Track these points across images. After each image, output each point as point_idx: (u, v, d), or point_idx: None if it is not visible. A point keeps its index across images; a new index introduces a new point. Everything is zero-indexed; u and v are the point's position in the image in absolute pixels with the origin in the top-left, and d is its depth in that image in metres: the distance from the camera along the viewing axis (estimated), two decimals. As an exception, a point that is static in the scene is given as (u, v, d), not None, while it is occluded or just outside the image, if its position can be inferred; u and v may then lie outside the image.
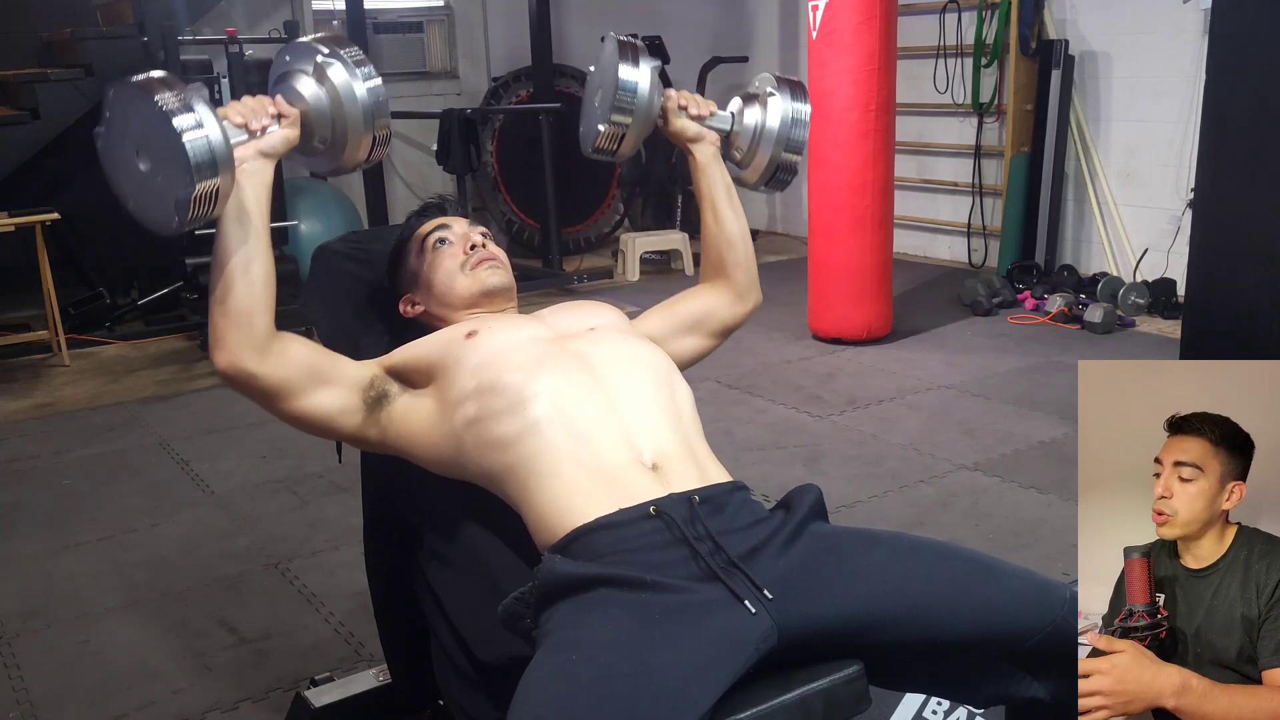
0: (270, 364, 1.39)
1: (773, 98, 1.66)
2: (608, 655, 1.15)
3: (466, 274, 1.61)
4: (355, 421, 1.47)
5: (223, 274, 1.36)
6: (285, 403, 1.42)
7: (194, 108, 1.22)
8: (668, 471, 1.35)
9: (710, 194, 1.68)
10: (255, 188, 1.38)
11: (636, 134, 1.61)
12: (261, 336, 1.38)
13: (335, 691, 1.91)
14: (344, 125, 1.37)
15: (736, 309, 1.73)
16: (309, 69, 1.36)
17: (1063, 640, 1.26)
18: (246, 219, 1.36)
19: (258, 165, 1.37)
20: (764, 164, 1.68)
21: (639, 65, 1.57)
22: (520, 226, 6.76)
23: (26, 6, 5.46)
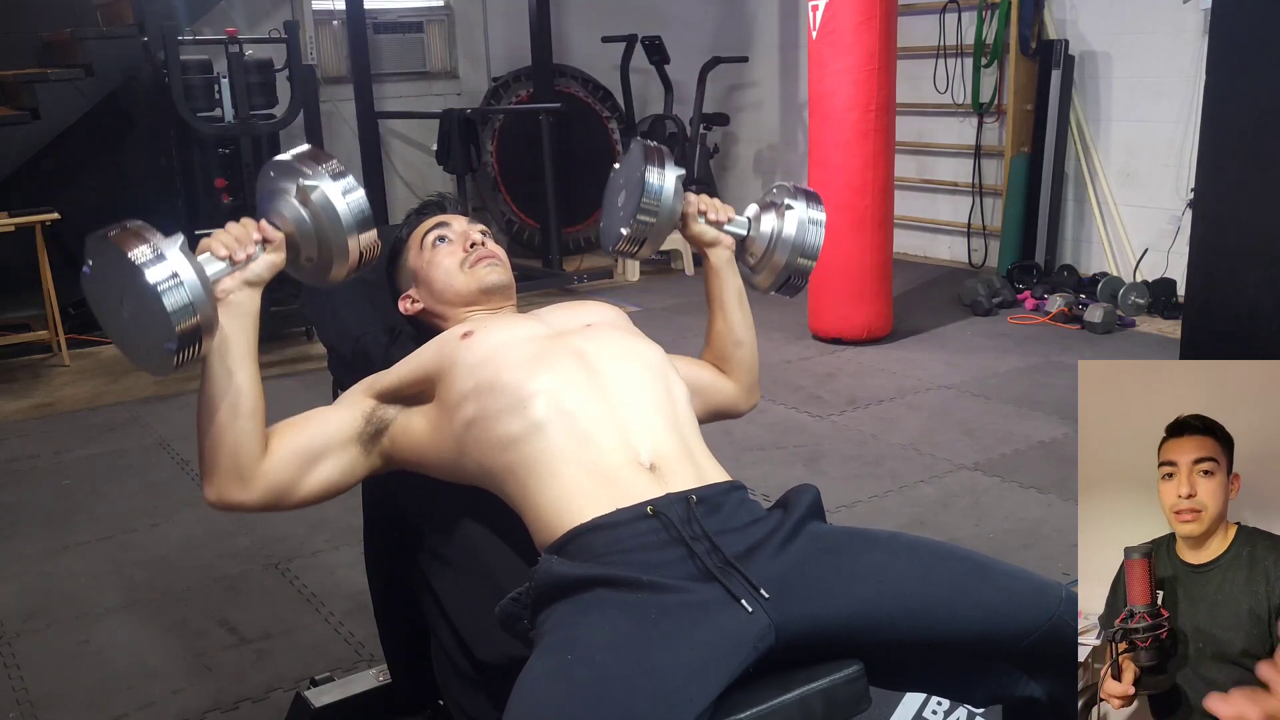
0: (258, 486, 1.36)
1: (790, 210, 1.72)
2: (604, 655, 1.15)
3: (465, 271, 1.61)
4: (359, 467, 1.46)
5: (209, 411, 1.33)
6: (284, 503, 1.40)
7: (168, 259, 1.21)
8: (665, 472, 1.35)
9: (721, 297, 1.72)
10: (242, 318, 1.34)
11: (657, 237, 1.65)
12: (248, 468, 1.35)
13: (335, 691, 1.91)
14: (329, 244, 1.36)
15: (735, 402, 1.76)
16: (291, 189, 1.35)
17: (1059, 639, 1.26)
18: (233, 353, 1.33)
19: (244, 295, 1.34)
20: (778, 269, 1.73)
21: (664, 171, 1.63)
22: (520, 226, 6.76)
23: (26, 6, 5.46)
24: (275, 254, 1.37)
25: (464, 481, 1.45)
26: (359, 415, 1.46)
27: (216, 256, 1.32)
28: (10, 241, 4.60)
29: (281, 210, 1.36)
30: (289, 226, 1.36)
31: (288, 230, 1.37)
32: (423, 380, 1.47)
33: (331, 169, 1.36)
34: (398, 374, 1.49)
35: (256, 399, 1.35)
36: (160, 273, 1.20)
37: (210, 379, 1.32)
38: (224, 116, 4.96)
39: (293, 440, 1.40)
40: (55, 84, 4.85)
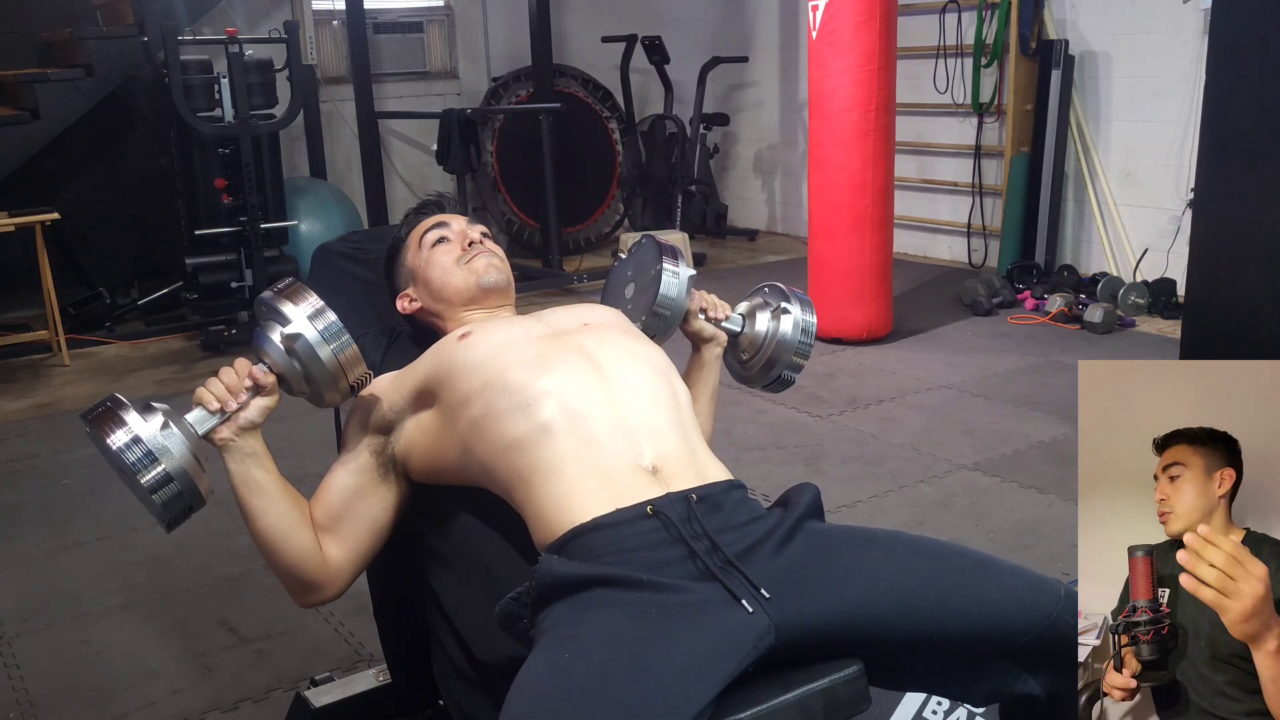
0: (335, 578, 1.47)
1: (787, 315, 1.74)
2: (603, 654, 1.15)
3: (463, 269, 1.61)
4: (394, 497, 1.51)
5: (260, 544, 1.43)
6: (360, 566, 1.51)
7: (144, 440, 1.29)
8: (667, 473, 1.35)
9: (698, 392, 1.72)
10: (247, 459, 1.40)
11: (667, 332, 1.70)
12: (316, 574, 1.46)
13: (335, 691, 1.91)
14: (318, 383, 1.39)
15: None
16: (276, 335, 1.38)
17: (1059, 637, 1.26)
18: (255, 490, 1.41)
19: (242, 440, 1.40)
20: (771, 369, 1.76)
21: (679, 269, 1.68)
22: (520, 226, 6.76)
23: (26, 6, 5.47)
24: (268, 398, 1.41)
25: (467, 482, 1.45)
26: (367, 456, 1.50)
27: (208, 409, 1.37)
28: (10, 241, 4.60)
29: (270, 352, 1.40)
30: (279, 368, 1.40)
31: (279, 372, 1.40)
32: (421, 392, 1.48)
33: (310, 309, 1.38)
34: (389, 400, 1.50)
35: (295, 518, 1.43)
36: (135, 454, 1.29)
37: (250, 517, 1.42)
38: (224, 116, 4.96)
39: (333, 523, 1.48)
40: (55, 84, 4.85)
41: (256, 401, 1.39)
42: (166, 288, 5.48)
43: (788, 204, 7.36)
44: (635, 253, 1.79)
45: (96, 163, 5.46)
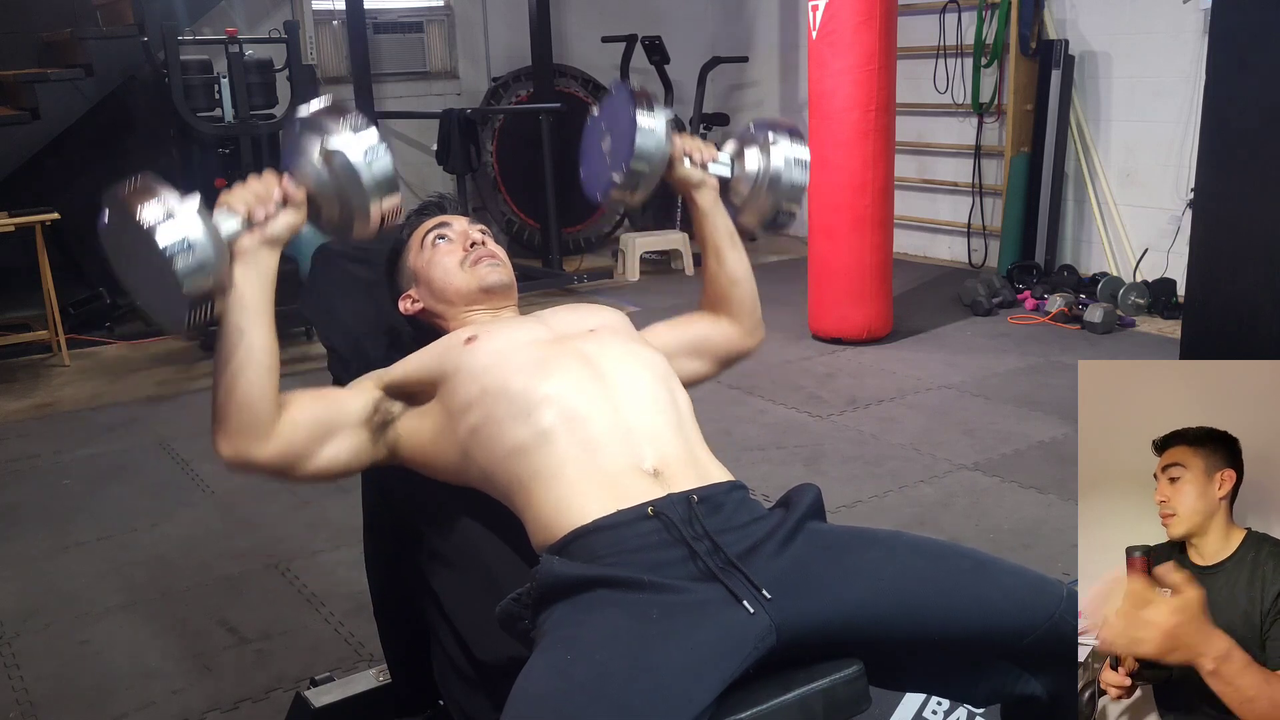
0: (274, 445, 1.37)
1: (775, 146, 1.67)
2: (604, 654, 1.15)
3: (465, 270, 1.61)
4: (366, 453, 1.47)
5: (226, 367, 1.34)
6: (295, 471, 1.41)
7: (180, 220, 1.21)
8: (668, 475, 1.35)
9: (713, 238, 1.69)
10: (260, 276, 1.35)
11: (650, 184, 1.61)
12: (264, 424, 1.36)
13: (335, 691, 1.91)
14: (350, 205, 1.35)
15: (743, 343, 1.74)
16: (314, 148, 1.34)
17: (1060, 637, 1.26)
18: (249, 310, 1.34)
19: (262, 254, 1.34)
20: (764, 208, 1.69)
21: (654, 116, 1.58)
22: (520, 226, 6.76)
23: (26, 6, 5.46)
24: (295, 214, 1.36)
25: (467, 484, 1.45)
26: (369, 402, 1.47)
27: (236, 214, 1.32)
28: (10, 241, 4.60)
29: (304, 168, 1.35)
30: (310, 186, 1.35)
31: (309, 189, 1.35)
32: (424, 382, 1.48)
33: (354, 127, 1.34)
34: (402, 370, 1.50)
35: (272, 356, 1.36)
36: (172, 235, 1.19)
37: (227, 335, 1.34)
38: (224, 116, 4.96)
39: (310, 409, 1.41)
40: (55, 84, 4.85)
41: (283, 215, 1.35)
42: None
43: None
44: (607, 104, 1.66)
45: (96, 163, 5.46)
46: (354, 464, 1.46)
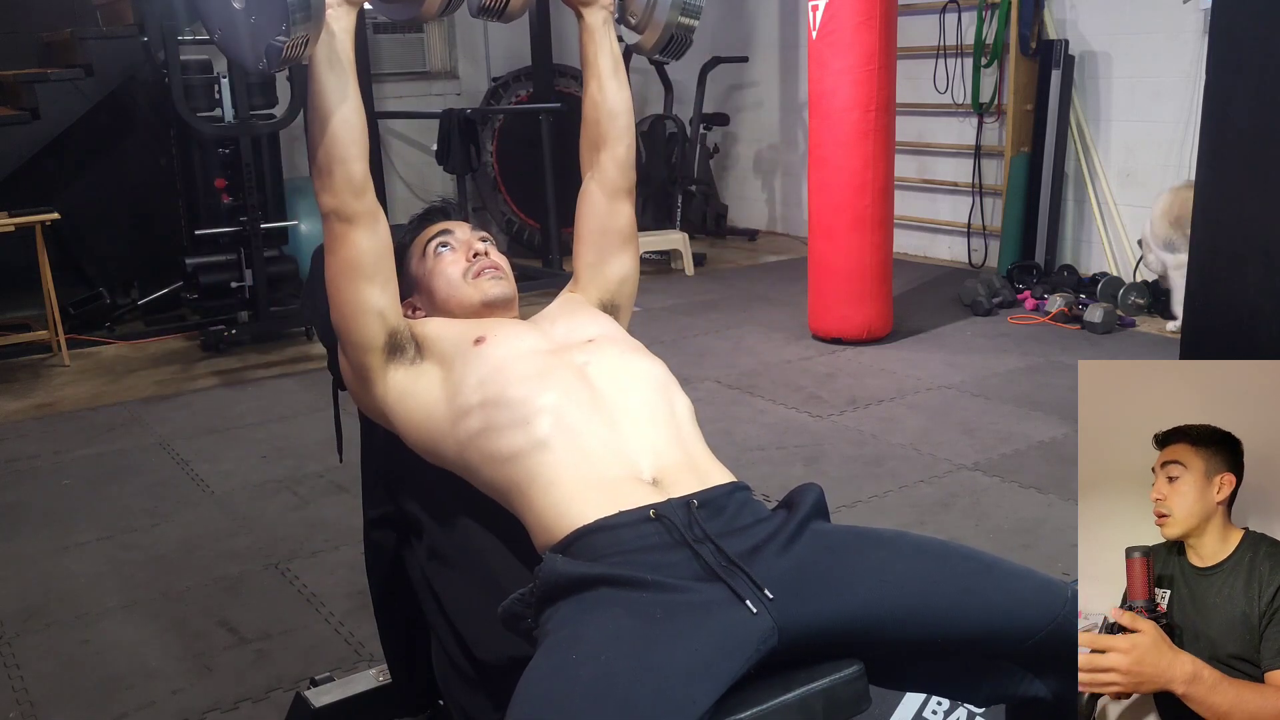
0: (365, 222, 1.43)
1: None
2: (608, 654, 1.15)
3: (469, 283, 1.61)
4: (377, 358, 1.48)
5: (321, 119, 1.39)
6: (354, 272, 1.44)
7: None
8: (668, 483, 1.36)
9: (596, 61, 1.68)
10: (342, 33, 1.40)
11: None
12: (360, 184, 1.42)
13: (335, 691, 1.91)
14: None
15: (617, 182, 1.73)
16: None
17: (1064, 639, 1.26)
18: (339, 64, 1.39)
19: (342, 11, 1.40)
20: (659, 29, 1.66)
21: None
22: (520, 226, 6.76)
23: (26, 6, 5.47)
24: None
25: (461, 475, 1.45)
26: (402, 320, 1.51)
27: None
28: (10, 241, 4.60)
29: None
30: None
31: None
32: (438, 353, 1.50)
33: None
34: (425, 326, 1.54)
35: (361, 116, 1.42)
36: None
37: (320, 86, 1.39)
38: (224, 116, 4.96)
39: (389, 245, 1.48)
40: (55, 84, 4.85)
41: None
42: (166, 288, 5.47)
43: (788, 204, 7.36)
44: None
45: (96, 163, 5.46)
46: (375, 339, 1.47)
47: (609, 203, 1.73)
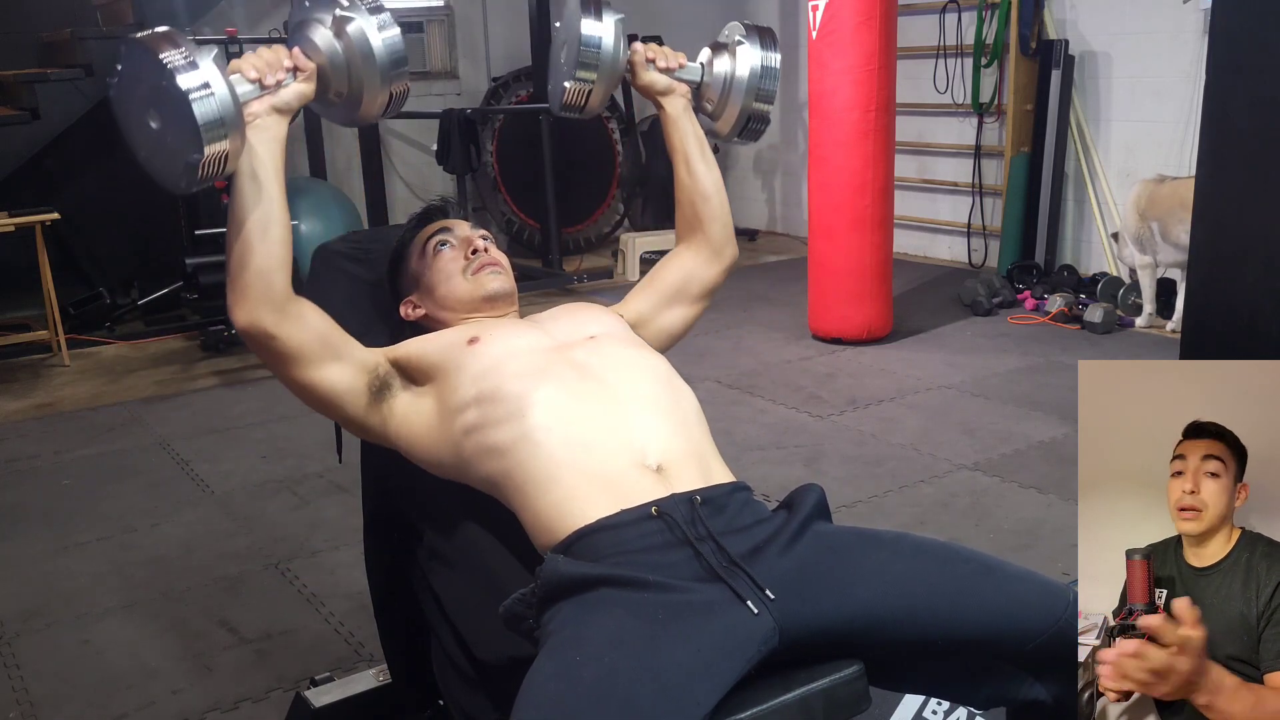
0: (288, 326, 1.38)
1: (742, 46, 1.64)
2: (610, 655, 1.15)
3: (468, 278, 1.61)
4: (360, 405, 1.47)
5: (239, 233, 1.34)
6: (297, 369, 1.41)
7: (201, 67, 1.19)
8: (671, 473, 1.35)
9: (683, 147, 1.68)
10: (269, 143, 1.35)
11: (603, 89, 1.58)
12: (280, 296, 1.37)
13: (335, 691, 1.91)
14: (360, 79, 1.33)
15: (714, 267, 1.72)
16: (327, 20, 1.33)
17: (1065, 643, 1.25)
18: (261, 177, 1.34)
19: (271, 121, 1.35)
20: (735, 114, 1.66)
21: (602, 19, 1.54)
22: (520, 226, 6.76)
23: (26, 6, 5.47)
24: (305, 84, 1.36)
25: (462, 480, 1.45)
26: (372, 361, 1.48)
27: (246, 78, 1.32)
28: (10, 241, 4.60)
29: (315, 40, 1.34)
30: (321, 58, 1.34)
31: (319, 62, 1.34)
32: (426, 368, 1.49)
33: (368, 2, 1.33)
34: (406, 349, 1.51)
35: (285, 225, 1.37)
36: (192, 80, 1.18)
37: (240, 199, 1.34)
38: (224, 116, 4.95)
39: (325, 323, 1.43)
40: (55, 84, 4.85)
41: (294, 85, 1.35)
42: (166, 288, 5.48)
43: (788, 204, 7.36)
44: (564, 17, 1.62)
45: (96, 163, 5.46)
46: (347, 404, 1.46)
47: (701, 267, 1.72)
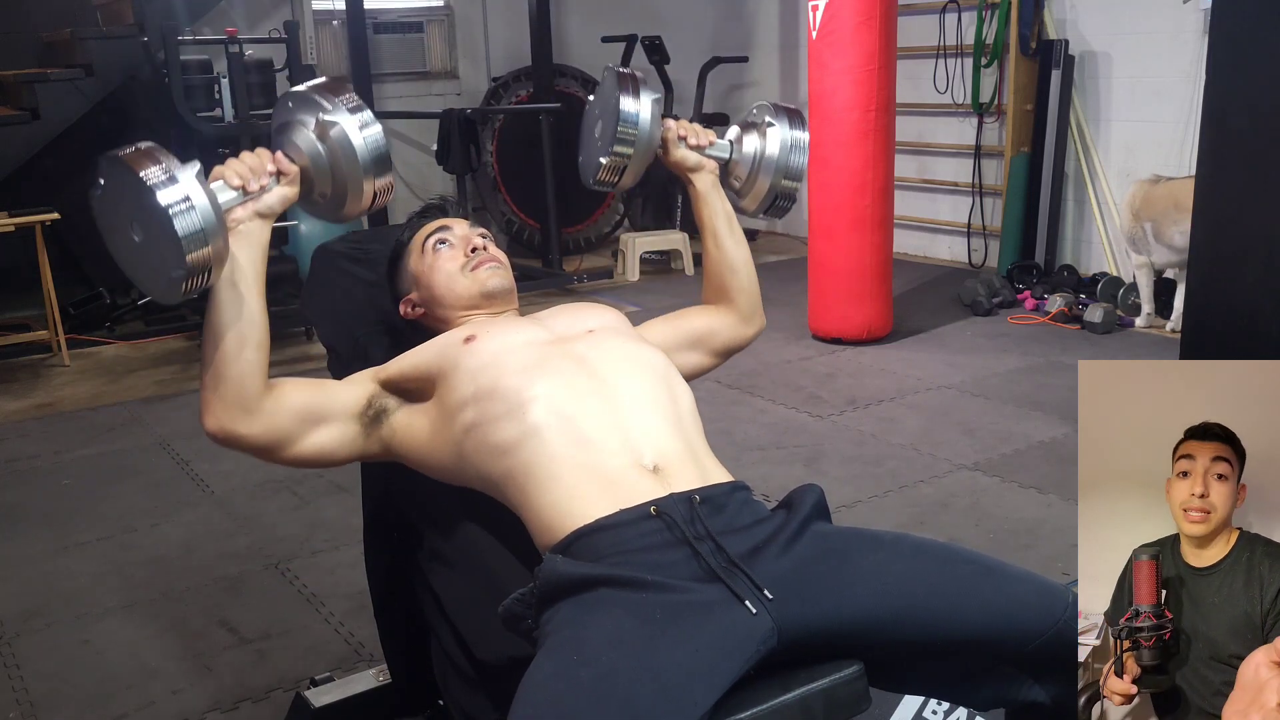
0: (261, 422, 1.37)
1: (772, 127, 1.67)
2: (609, 655, 1.15)
3: (467, 275, 1.61)
4: (357, 446, 1.47)
5: (217, 340, 1.33)
6: (280, 453, 1.41)
7: (181, 182, 1.20)
8: (669, 473, 1.35)
9: (711, 223, 1.70)
10: (251, 249, 1.34)
11: (637, 166, 1.62)
12: (253, 399, 1.36)
13: (335, 691, 1.91)
14: (344, 180, 1.34)
15: (740, 331, 1.74)
16: (309, 122, 1.33)
17: (1065, 644, 1.25)
18: (241, 283, 1.33)
19: (254, 226, 1.34)
20: (763, 192, 1.69)
21: (639, 97, 1.58)
22: (520, 226, 6.76)
23: (26, 6, 5.46)
24: (289, 187, 1.36)
25: (463, 484, 1.45)
26: (363, 396, 1.47)
27: (229, 185, 1.32)
28: (10, 241, 4.60)
29: (297, 143, 1.34)
30: (304, 160, 1.35)
31: (303, 164, 1.35)
32: (423, 378, 1.48)
33: (349, 103, 1.33)
34: (398, 366, 1.50)
35: (263, 331, 1.36)
36: (172, 195, 1.18)
37: (218, 306, 1.33)
38: (224, 116, 4.96)
39: (299, 394, 1.42)
40: (55, 84, 4.85)
41: (277, 189, 1.35)
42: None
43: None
44: (599, 91, 1.67)
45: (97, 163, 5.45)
46: (342, 454, 1.46)
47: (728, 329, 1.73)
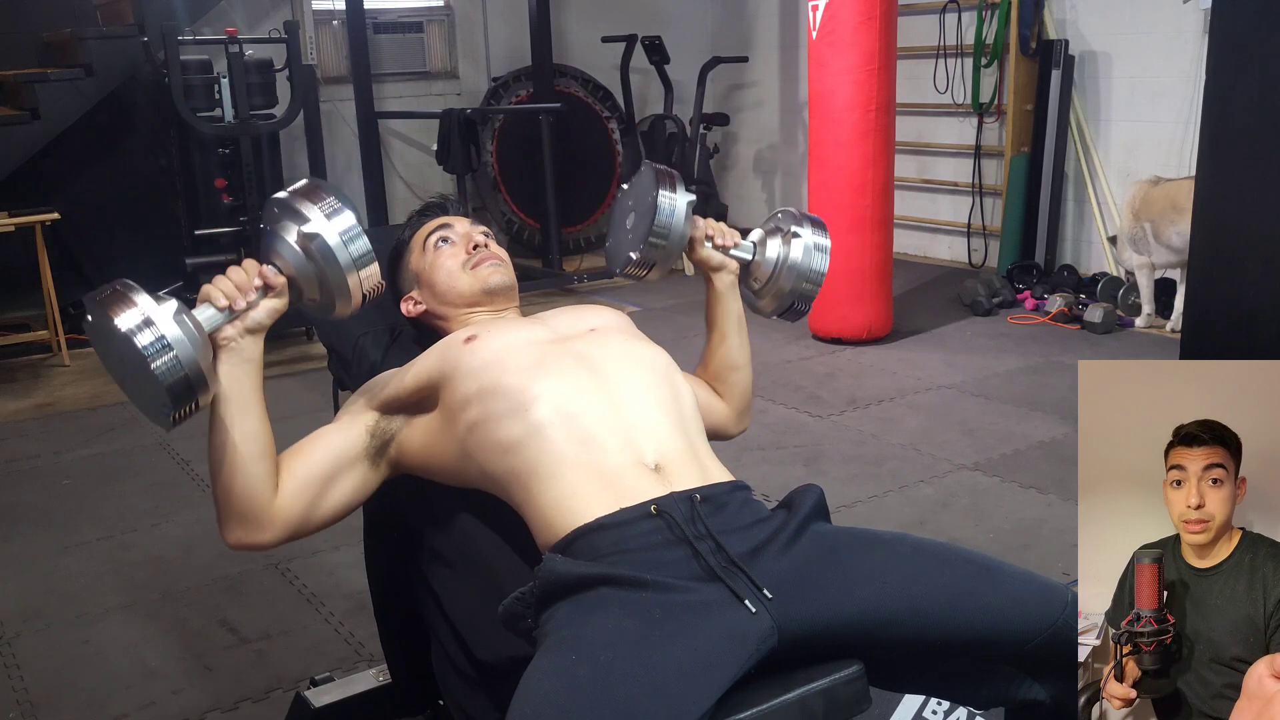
0: (276, 528, 1.39)
1: (797, 237, 1.69)
2: (608, 655, 1.15)
3: (468, 273, 1.61)
4: (371, 482, 1.47)
5: (220, 458, 1.33)
6: (306, 532, 1.43)
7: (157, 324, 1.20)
8: (670, 472, 1.35)
9: (722, 323, 1.71)
10: (243, 366, 1.33)
11: (668, 260, 1.66)
12: (262, 510, 1.37)
13: (335, 691, 1.91)
14: (330, 287, 1.34)
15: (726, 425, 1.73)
16: (293, 231, 1.33)
17: (1064, 643, 1.25)
18: (237, 401, 1.32)
19: (245, 342, 1.33)
20: (782, 295, 1.71)
21: (676, 196, 1.61)
22: (520, 226, 6.76)
23: (26, 6, 5.46)
24: (277, 300, 1.36)
25: (468, 485, 1.45)
26: (363, 430, 1.46)
27: (216, 306, 1.31)
28: (10, 241, 4.60)
29: (283, 253, 1.34)
30: (290, 269, 1.35)
31: (289, 273, 1.35)
32: (426, 387, 1.47)
33: (329, 210, 1.33)
34: (399, 384, 1.48)
35: (264, 443, 1.35)
36: (147, 338, 1.20)
37: (217, 428, 1.33)
38: (224, 116, 4.95)
39: (302, 470, 1.41)
40: (55, 84, 4.85)
41: (265, 303, 1.34)
42: (166, 288, 5.47)
43: (788, 204, 7.33)
44: (634, 182, 1.72)
45: (96, 163, 5.46)
46: (358, 499, 1.47)
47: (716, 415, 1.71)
